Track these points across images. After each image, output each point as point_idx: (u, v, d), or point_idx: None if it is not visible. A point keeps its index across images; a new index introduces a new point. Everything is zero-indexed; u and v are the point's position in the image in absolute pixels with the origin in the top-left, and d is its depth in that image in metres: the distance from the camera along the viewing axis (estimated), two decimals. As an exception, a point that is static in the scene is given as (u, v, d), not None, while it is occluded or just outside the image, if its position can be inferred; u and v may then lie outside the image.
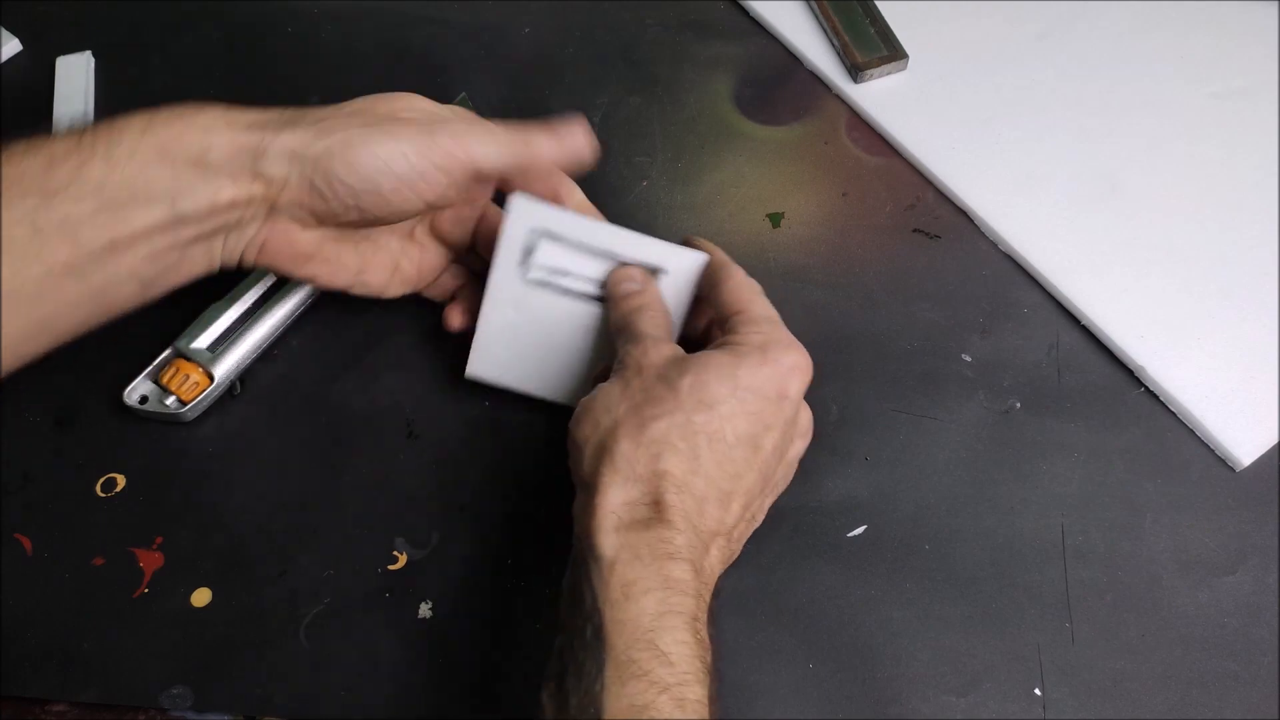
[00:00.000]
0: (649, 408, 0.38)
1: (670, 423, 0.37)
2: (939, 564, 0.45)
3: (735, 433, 0.38)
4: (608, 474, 0.37)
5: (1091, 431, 0.48)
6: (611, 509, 0.36)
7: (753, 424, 0.38)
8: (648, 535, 0.35)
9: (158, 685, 0.42)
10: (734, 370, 0.38)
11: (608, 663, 0.32)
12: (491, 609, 0.44)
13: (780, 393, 0.39)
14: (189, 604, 0.44)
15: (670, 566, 0.35)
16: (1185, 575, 0.44)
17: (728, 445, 0.38)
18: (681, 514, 0.36)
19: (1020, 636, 0.43)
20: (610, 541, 0.35)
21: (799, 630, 0.43)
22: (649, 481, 0.36)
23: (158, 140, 0.39)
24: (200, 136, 0.39)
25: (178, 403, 0.48)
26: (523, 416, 0.49)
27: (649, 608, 0.34)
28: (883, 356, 0.50)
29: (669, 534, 0.35)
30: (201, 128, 0.39)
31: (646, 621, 0.33)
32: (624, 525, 0.36)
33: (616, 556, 0.35)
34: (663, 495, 0.36)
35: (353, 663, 0.43)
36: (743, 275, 0.43)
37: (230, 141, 0.40)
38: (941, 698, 0.42)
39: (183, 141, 0.39)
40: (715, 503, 0.38)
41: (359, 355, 0.51)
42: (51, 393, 0.50)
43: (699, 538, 0.37)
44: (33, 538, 0.46)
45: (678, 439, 0.37)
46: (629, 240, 0.45)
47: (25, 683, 0.43)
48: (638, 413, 0.38)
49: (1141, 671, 0.42)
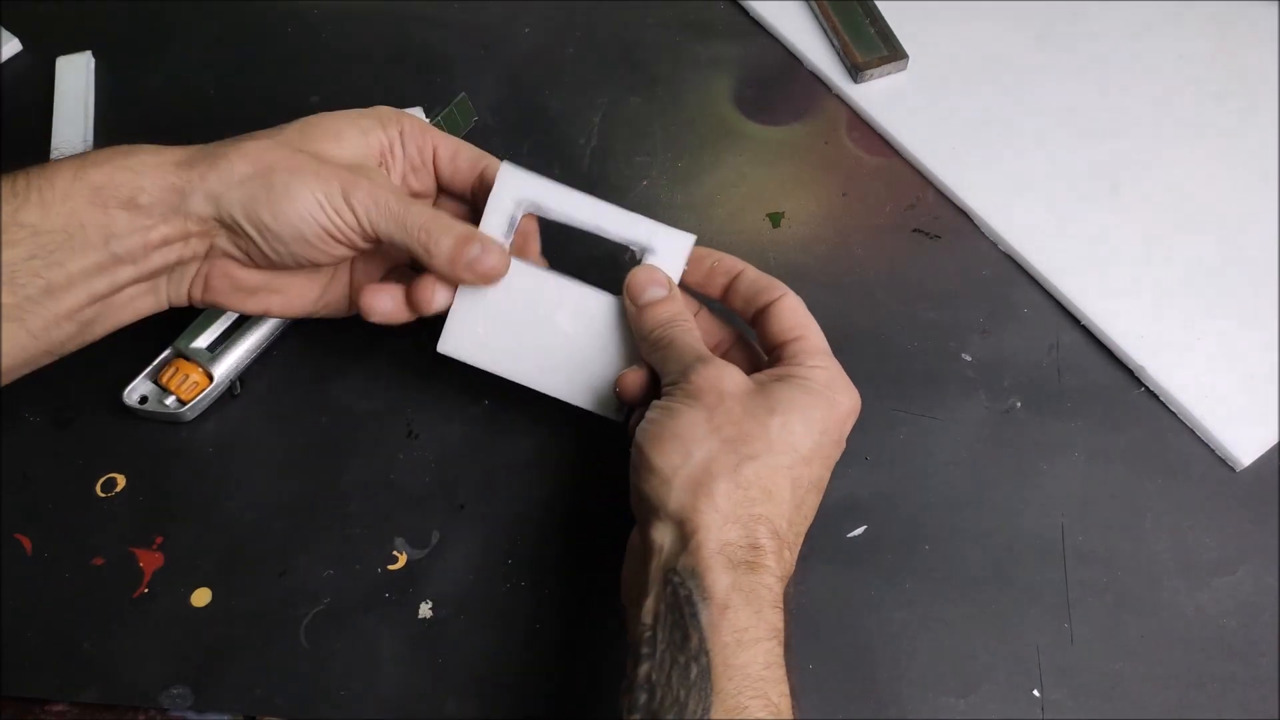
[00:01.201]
0: (743, 446, 0.37)
1: (764, 465, 0.37)
2: (939, 564, 0.45)
3: (811, 478, 0.39)
4: (708, 512, 0.36)
5: (1092, 431, 0.48)
6: (718, 549, 0.36)
7: (823, 469, 0.40)
8: (752, 579, 0.35)
9: (158, 685, 0.42)
10: (813, 414, 0.39)
11: (715, 705, 0.33)
12: (492, 609, 0.44)
13: (842, 436, 0.40)
14: (189, 604, 0.44)
15: (773, 615, 0.35)
16: (1185, 576, 0.44)
17: (804, 490, 0.38)
18: (775, 558, 0.36)
19: (1020, 637, 0.43)
20: (723, 583, 0.35)
21: (798, 631, 0.43)
22: (747, 525, 0.36)
23: (89, 183, 0.39)
24: (130, 178, 0.39)
25: (177, 402, 0.48)
26: (524, 416, 0.49)
27: (759, 658, 0.34)
28: (884, 356, 0.50)
29: (769, 579, 0.36)
30: (132, 169, 0.39)
31: (756, 670, 0.34)
32: (732, 566, 0.35)
33: (728, 600, 0.34)
34: (759, 539, 0.36)
35: (352, 663, 0.43)
36: (793, 295, 0.43)
37: (158, 182, 0.39)
38: (941, 699, 0.42)
39: (114, 183, 0.39)
40: (790, 547, 0.38)
41: (359, 355, 0.51)
42: (51, 393, 0.50)
43: (781, 582, 0.37)
44: (33, 538, 0.46)
45: (770, 483, 0.37)
46: (617, 216, 0.44)
47: (25, 683, 0.43)
48: (733, 450, 0.37)
49: (1141, 672, 0.42)
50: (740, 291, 0.44)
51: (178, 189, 0.40)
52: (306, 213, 0.40)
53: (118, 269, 0.40)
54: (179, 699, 0.42)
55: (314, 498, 0.47)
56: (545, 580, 0.45)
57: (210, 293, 0.43)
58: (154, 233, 0.40)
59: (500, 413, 0.49)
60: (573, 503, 0.47)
